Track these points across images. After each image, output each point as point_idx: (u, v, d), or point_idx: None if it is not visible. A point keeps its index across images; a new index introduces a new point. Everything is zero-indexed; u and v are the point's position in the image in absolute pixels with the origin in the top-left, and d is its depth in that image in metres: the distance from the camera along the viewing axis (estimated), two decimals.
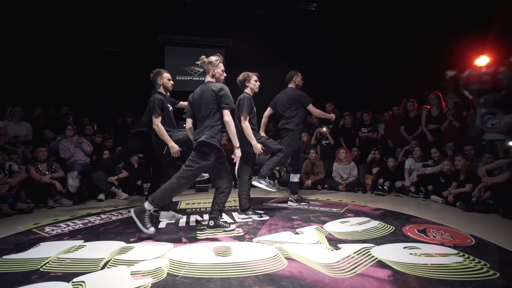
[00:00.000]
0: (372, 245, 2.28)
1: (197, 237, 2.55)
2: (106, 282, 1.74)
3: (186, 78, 8.87)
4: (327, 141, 5.72)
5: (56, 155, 4.62)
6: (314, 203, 4.03)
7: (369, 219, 3.08)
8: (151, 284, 1.68)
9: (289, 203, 3.90)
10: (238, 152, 2.69)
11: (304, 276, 1.77)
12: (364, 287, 1.63)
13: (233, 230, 2.70)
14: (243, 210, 3.33)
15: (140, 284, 1.68)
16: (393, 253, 2.10)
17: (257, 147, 3.06)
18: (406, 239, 2.45)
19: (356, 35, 7.53)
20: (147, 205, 2.49)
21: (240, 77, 3.28)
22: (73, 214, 3.61)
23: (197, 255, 2.11)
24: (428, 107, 5.21)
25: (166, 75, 3.27)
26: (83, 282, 1.73)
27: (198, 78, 8.96)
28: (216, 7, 7.96)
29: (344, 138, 5.86)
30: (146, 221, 2.47)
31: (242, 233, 2.65)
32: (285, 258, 2.04)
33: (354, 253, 2.11)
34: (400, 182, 4.65)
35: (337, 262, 1.96)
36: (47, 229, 2.94)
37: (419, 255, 2.08)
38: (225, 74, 2.79)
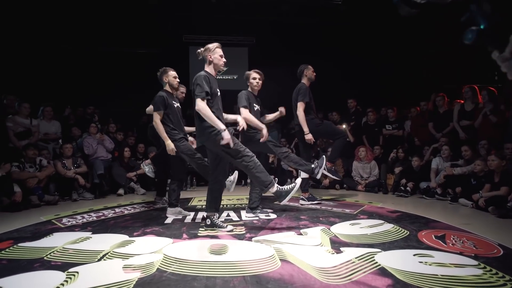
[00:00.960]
0: (379, 250, 2.10)
1: (198, 234, 2.54)
2: (98, 273, 1.78)
3: None
4: (347, 139, 5.45)
5: (82, 152, 4.91)
6: (328, 203, 3.86)
7: (382, 221, 2.86)
8: (138, 278, 1.69)
9: (301, 201, 3.77)
10: (226, 135, 2.43)
11: (293, 279, 1.66)
12: None
13: (229, 231, 2.61)
14: (251, 208, 3.27)
15: (128, 278, 1.69)
16: (400, 261, 1.91)
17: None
18: (419, 245, 2.23)
19: (381, 28, 7.10)
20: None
21: (244, 76, 3.31)
22: (91, 207, 3.80)
23: (191, 252, 2.10)
24: (462, 101, 4.75)
25: (172, 73, 3.31)
26: (77, 272, 1.78)
27: (221, 77, 9.07)
28: (240, 5, 7.97)
29: (367, 136, 5.56)
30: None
31: (244, 232, 2.59)
32: (280, 259, 1.94)
33: (356, 258, 1.95)
34: (425, 183, 4.29)
35: (334, 266, 1.83)
36: (64, 220, 3.12)
37: (430, 264, 1.87)
38: (224, 60, 2.64)
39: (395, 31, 6.70)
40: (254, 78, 3.22)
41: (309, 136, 3.64)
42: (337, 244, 2.24)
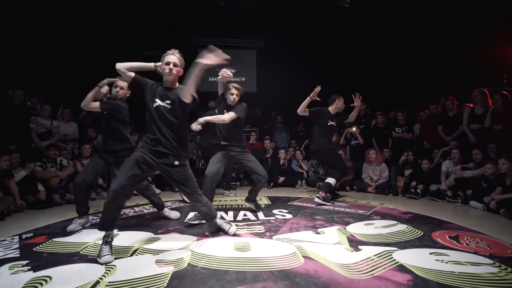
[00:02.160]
0: (395, 248, 2.20)
1: (220, 232, 2.66)
2: (133, 267, 1.90)
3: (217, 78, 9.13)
4: (357, 141, 5.55)
5: (98, 152, 5.05)
6: (340, 204, 3.95)
7: (396, 222, 2.95)
8: (172, 272, 1.81)
9: (316, 199, 3.84)
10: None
11: (319, 274, 1.77)
12: None
13: (234, 231, 2.56)
14: (249, 200, 3.49)
15: (162, 272, 1.81)
16: (417, 258, 2.01)
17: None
18: (434, 245, 2.32)
19: (389, 30, 7.15)
20: None
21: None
22: None
23: (217, 249, 2.21)
24: (471, 105, 4.82)
25: None
26: (114, 266, 1.91)
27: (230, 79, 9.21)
28: (248, 7, 8.08)
29: (376, 139, 5.64)
30: None
31: (263, 230, 2.70)
32: (302, 256, 2.05)
33: (375, 255, 2.06)
34: (436, 186, 4.36)
35: (355, 263, 1.93)
36: (90, 218, 3.24)
37: (446, 262, 1.97)
38: (168, 67, 2.21)
39: (404, 33, 6.74)
40: (232, 94, 3.22)
41: None
42: (354, 243, 2.34)
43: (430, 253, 2.13)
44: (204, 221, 2.82)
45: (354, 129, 5.51)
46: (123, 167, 2.14)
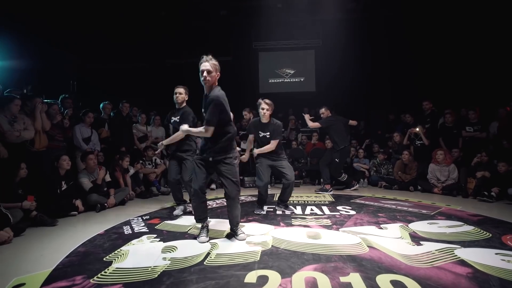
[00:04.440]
0: (458, 246, 2.37)
1: (292, 223, 3.13)
2: (231, 245, 2.49)
3: (278, 80, 9.63)
4: (421, 142, 5.44)
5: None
6: (404, 203, 4.08)
7: (462, 223, 3.03)
8: (261, 250, 2.35)
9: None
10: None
11: (382, 260, 2.11)
12: (438, 277, 1.86)
13: (243, 239, 2.61)
14: (281, 200, 3.73)
15: (254, 250, 2.36)
16: (480, 256, 2.15)
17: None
18: (502, 246, 2.40)
19: (463, 16, 6.61)
20: None
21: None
22: None
23: (293, 236, 2.69)
24: None
25: None
26: (216, 243, 2.54)
27: (289, 80, 9.62)
28: (305, 7, 8.28)
29: (444, 138, 5.45)
30: None
31: (330, 223, 3.09)
32: (367, 246, 2.40)
33: (436, 250, 2.29)
34: None
35: (416, 255, 2.21)
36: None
37: None
38: (202, 77, 2.40)
39: (481, 18, 6.18)
40: (262, 109, 3.42)
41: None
42: (416, 238, 2.58)
43: (496, 253, 2.24)
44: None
45: (418, 129, 5.42)
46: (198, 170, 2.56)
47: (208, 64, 2.37)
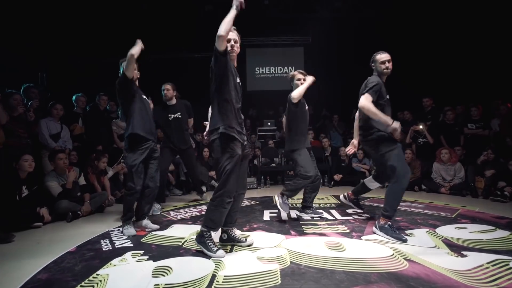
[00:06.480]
0: (509, 257, 2.03)
1: (304, 231, 2.70)
2: (238, 263, 2.01)
3: (266, 77, 9.37)
4: (424, 139, 5.22)
5: None
6: (416, 205, 3.77)
7: (494, 227, 2.73)
8: (280, 269, 1.88)
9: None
10: None
11: (432, 279, 1.71)
12: None
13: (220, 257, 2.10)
14: (304, 207, 3.29)
15: (270, 269, 1.89)
16: None
17: None
18: None
19: (459, 12, 6.49)
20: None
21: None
22: (186, 203, 4.21)
23: (311, 248, 2.24)
24: None
25: None
26: (221, 261, 2.04)
27: (278, 76, 9.30)
28: (292, 4, 8.04)
29: (445, 136, 5.26)
30: None
31: (348, 231, 2.68)
32: (404, 259, 2.00)
33: (487, 263, 1.93)
34: None
35: (468, 270, 1.83)
36: (172, 213, 3.53)
37: None
38: (229, 46, 2.33)
39: (480, 14, 6.06)
40: (299, 79, 3.21)
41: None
42: (454, 248, 2.22)
43: None
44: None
45: (421, 126, 5.19)
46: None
47: (234, 34, 2.30)
